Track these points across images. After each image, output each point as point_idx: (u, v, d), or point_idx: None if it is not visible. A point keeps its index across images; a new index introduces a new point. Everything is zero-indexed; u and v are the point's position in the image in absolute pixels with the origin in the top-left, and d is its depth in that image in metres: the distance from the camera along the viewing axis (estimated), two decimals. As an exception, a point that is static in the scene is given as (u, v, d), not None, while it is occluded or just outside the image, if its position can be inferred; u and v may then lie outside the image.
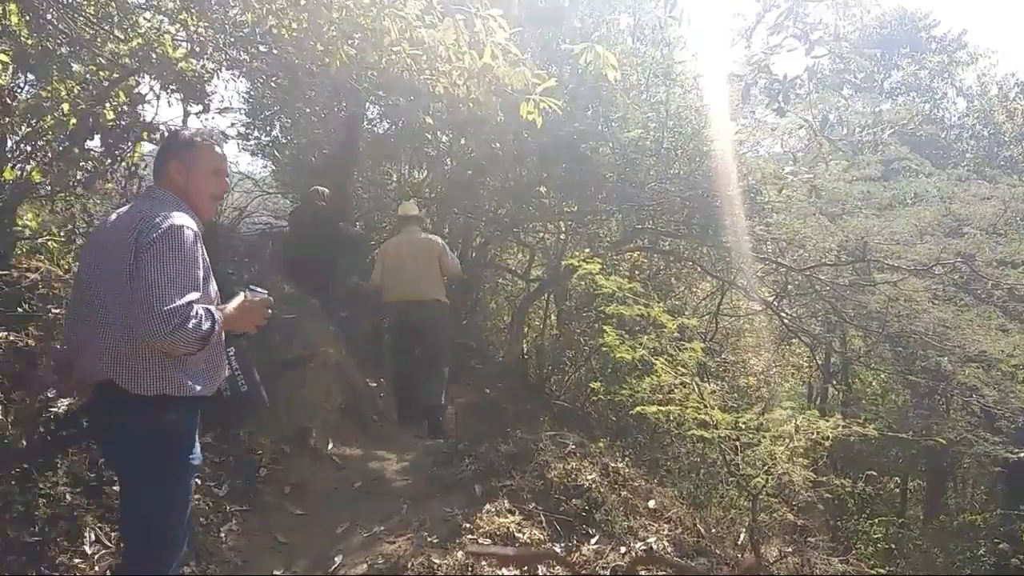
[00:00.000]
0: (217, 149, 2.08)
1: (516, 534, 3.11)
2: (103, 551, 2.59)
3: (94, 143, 3.74)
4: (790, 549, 3.95)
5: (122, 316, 1.76)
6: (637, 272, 7.69)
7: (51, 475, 2.75)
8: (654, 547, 3.20)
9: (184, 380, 1.84)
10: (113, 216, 1.97)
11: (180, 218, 1.83)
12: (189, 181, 2.00)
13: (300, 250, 5.61)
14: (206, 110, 4.49)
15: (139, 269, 1.73)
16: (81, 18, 3.70)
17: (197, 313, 1.73)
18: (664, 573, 3.02)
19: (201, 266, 1.84)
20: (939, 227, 7.06)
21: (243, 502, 3.31)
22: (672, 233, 7.29)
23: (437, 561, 2.81)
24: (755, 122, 7.34)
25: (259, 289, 2.09)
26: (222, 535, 3.06)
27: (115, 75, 3.70)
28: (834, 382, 10.43)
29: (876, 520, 8.25)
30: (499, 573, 2.81)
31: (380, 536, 3.14)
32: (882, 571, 4.46)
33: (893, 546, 7.47)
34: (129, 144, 3.89)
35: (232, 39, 4.16)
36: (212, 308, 1.83)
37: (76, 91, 3.52)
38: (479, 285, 8.56)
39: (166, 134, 3.99)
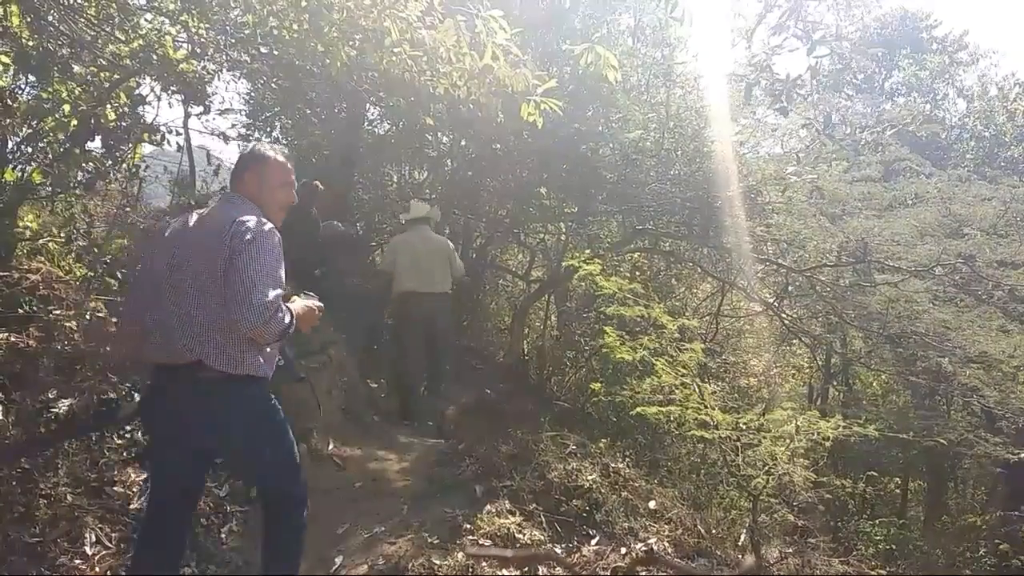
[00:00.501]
0: (287, 164, 2.31)
1: (516, 535, 3.11)
2: (104, 551, 2.60)
3: (95, 144, 3.74)
4: (791, 550, 3.94)
5: (215, 305, 1.98)
6: (638, 273, 7.68)
7: (52, 475, 2.76)
8: (655, 548, 3.20)
9: (261, 363, 2.10)
10: (193, 216, 2.16)
11: (268, 223, 2.08)
12: (262, 191, 2.22)
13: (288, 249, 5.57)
14: (207, 111, 4.48)
15: (235, 266, 1.94)
16: (82, 19, 3.69)
17: (282, 308, 1.98)
18: (665, 574, 3.02)
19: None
20: (939, 228, 7.06)
21: (243, 502, 3.31)
22: (673, 234, 7.28)
23: (437, 562, 2.81)
24: (756, 122, 7.33)
25: (312, 294, 2.31)
26: (222, 535, 3.07)
27: (116, 76, 3.69)
28: (835, 383, 10.42)
29: (877, 521, 8.23)
30: (499, 574, 2.81)
31: (380, 537, 3.15)
32: (883, 572, 4.45)
33: (894, 547, 7.45)
34: (130, 145, 3.89)
35: (233, 40, 4.16)
36: (289, 305, 2.09)
37: (77, 92, 3.51)
38: (480, 286, 8.56)
39: (166, 135, 4.03)
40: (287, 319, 1.99)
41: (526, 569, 2.86)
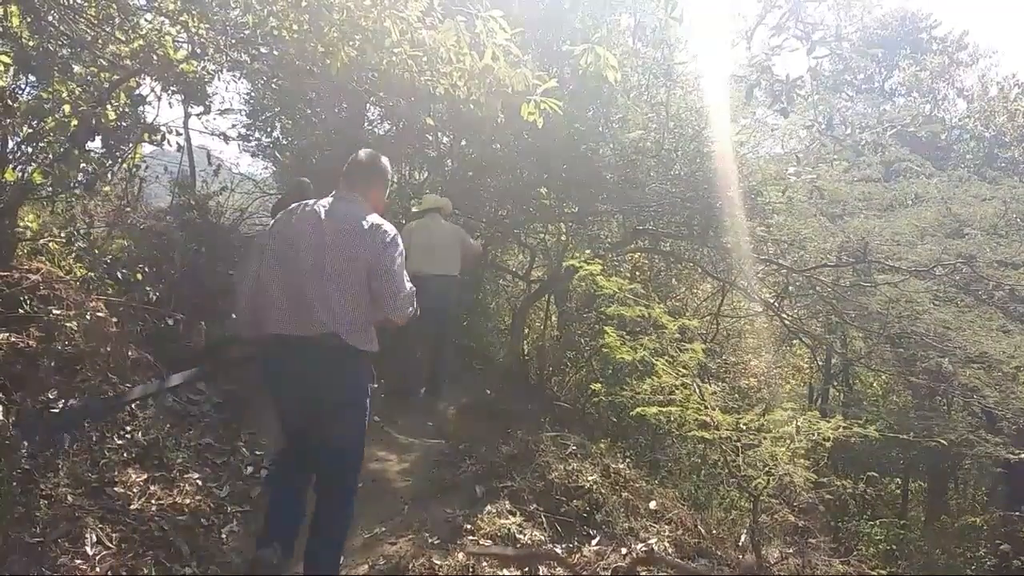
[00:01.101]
0: None
1: (517, 535, 3.11)
2: (104, 552, 2.59)
3: (95, 144, 3.75)
4: (791, 550, 3.94)
5: (353, 289, 2.32)
6: (638, 273, 7.68)
7: (52, 476, 2.75)
8: (655, 548, 3.20)
9: (376, 341, 2.45)
10: (320, 209, 2.43)
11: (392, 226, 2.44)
12: (380, 198, 2.61)
13: None
14: (207, 111, 4.49)
15: (381, 264, 2.33)
16: (82, 20, 3.69)
17: (413, 299, 2.41)
18: (665, 574, 3.02)
19: None
20: (940, 228, 7.05)
21: (244, 503, 3.32)
22: (673, 234, 7.27)
23: (438, 562, 2.81)
24: (756, 123, 7.32)
25: None
26: (223, 536, 3.06)
27: (116, 76, 3.70)
28: (835, 383, 10.42)
29: (877, 521, 8.23)
30: (500, 574, 2.81)
31: (381, 537, 3.15)
32: (883, 572, 4.44)
33: (894, 547, 7.45)
34: (130, 145, 3.89)
35: (233, 40, 4.16)
36: None
37: (77, 92, 3.52)
38: (480, 286, 8.55)
39: (166, 135, 4.03)
40: (413, 307, 2.43)
41: (526, 569, 2.86)
